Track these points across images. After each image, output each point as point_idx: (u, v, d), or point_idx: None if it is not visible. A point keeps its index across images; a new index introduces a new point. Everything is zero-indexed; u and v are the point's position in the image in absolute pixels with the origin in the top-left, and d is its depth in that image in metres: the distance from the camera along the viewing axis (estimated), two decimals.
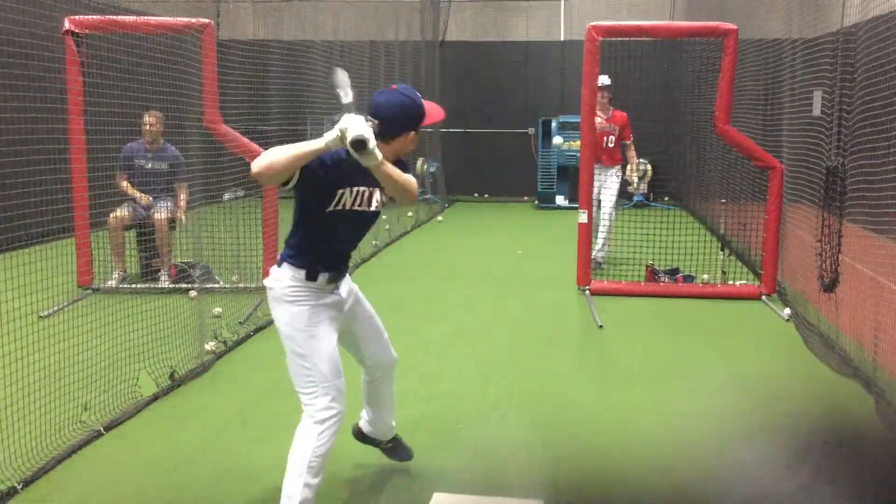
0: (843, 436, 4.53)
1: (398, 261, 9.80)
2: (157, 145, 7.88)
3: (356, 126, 2.92)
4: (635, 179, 8.98)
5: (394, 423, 3.90)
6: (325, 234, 3.25)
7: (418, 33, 13.80)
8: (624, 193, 9.26)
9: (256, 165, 2.94)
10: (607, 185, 8.93)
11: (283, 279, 3.26)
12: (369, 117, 3.08)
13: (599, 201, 8.98)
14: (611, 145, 8.94)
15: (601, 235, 8.79)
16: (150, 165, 7.86)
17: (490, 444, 4.35)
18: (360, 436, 3.95)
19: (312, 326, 3.25)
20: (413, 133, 3.24)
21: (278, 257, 3.36)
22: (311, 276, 3.25)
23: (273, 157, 2.92)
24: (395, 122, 3.17)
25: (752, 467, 4.09)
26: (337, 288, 3.37)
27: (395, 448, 3.97)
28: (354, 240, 3.44)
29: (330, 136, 2.96)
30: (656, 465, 4.10)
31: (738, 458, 4.20)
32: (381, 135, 3.11)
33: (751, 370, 5.63)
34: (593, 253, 8.47)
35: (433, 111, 3.31)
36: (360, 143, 2.91)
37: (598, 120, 8.80)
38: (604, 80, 8.72)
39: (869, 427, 4.58)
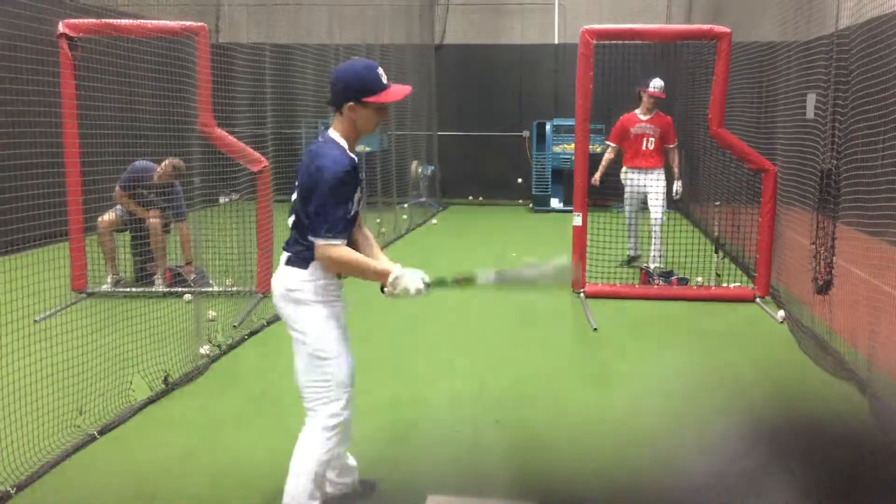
0: (836, 437, 4.53)
1: None
2: (163, 180, 7.75)
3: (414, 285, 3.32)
4: (678, 187, 8.77)
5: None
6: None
7: (416, 37, 13.81)
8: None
9: (328, 267, 3.13)
10: (654, 190, 8.65)
11: (311, 278, 3.18)
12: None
13: (639, 204, 8.85)
14: (650, 147, 8.70)
15: (654, 245, 8.55)
16: (151, 196, 7.77)
17: (485, 446, 4.35)
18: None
19: (341, 328, 3.26)
20: (368, 110, 3.12)
21: (289, 258, 3.23)
22: (338, 275, 3.26)
23: (339, 270, 3.19)
24: (348, 86, 3.09)
25: (747, 469, 4.09)
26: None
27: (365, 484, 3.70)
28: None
29: (398, 287, 3.29)
30: (651, 466, 4.11)
31: (733, 459, 4.20)
32: (332, 102, 3.14)
33: (745, 372, 5.63)
34: (650, 264, 8.48)
35: (397, 88, 3.19)
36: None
37: (638, 122, 8.74)
38: (655, 85, 8.64)
39: (863, 428, 4.59)
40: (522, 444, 4.37)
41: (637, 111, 8.81)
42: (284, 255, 3.26)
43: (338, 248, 3.07)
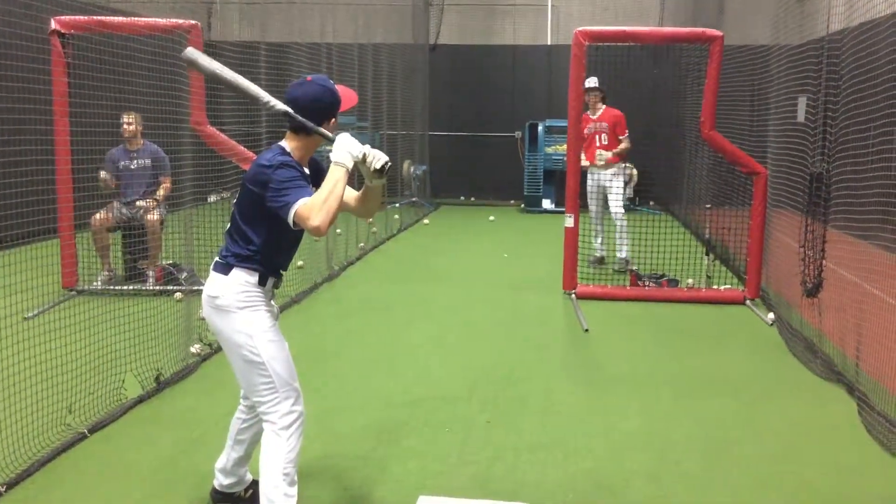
0: (825, 439, 4.56)
1: (384, 263, 9.80)
2: (136, 144, 7.86)
3: (377, 152, 3.13)
4: (601, 161, 8.86)
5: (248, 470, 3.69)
6: (285, 240, 3.24)
7: (410, 37, 13.81)
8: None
9: (320, 227, 2.94)
10: (611, 185, 8.95)
11: (234, 285, 3.21)
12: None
13: (601, 201, 9.06)
14: (605, 143, 8.98)
15: (619, 239, 8.92)
16: (133, 165, 7.84)
17: (476, 447, 4.36)
18: (219, 496, 3.65)
19: (269, 331, 3.24)
20: (333, 121, 3.25)
21: (214, 263, 3.29)
22: (262, 281, 3.24)
23: (328, 213, 2.96)
24: (314, 112, 3.19)
25: (737, 466, 4.12)
26: (273, 297, 3.39)
27: (256, 493, 3.50)
28: (296, 248, 3.43)
29: (347, 160, 3.06)
30: (641, 468, 4.13)
31: (722, 462, 4.23)
32: (304, 127, 3.19)
33: (734, 374, 5.66)
34: (617, 254, 8.84)
35: (348, 96, 3.34)
36: (389, 168, 3.15)
37: (589, 122, 8.96)
38: (589, 82, 8.70)
39: (852, 431, 4.63)
40: (513, 445, 4.38)
41: (588, 112, 8.99)
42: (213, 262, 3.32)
43: (304, 206, 2.97)
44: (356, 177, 3.31)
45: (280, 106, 3.24)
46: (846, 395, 5.12)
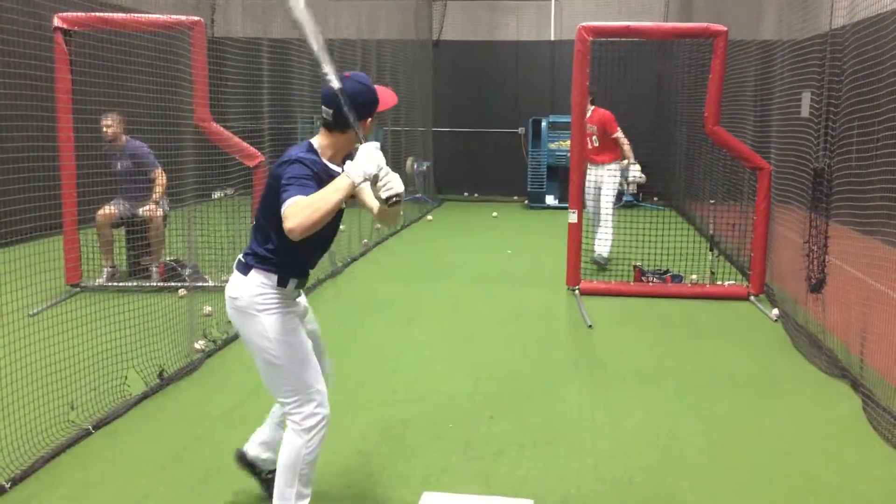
0: (830, 435, 4.55)
1: (388, 260, 9.80)
2: (119, 144, 7.80)
3: (392, 179, 2.92)
4: (632, 173, 8.86)
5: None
6: (307, 242, 3.10)
7: (413, 32, 13.79)
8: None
9: (293, 230, 2.81)
10: (603, 183, 9.00)
11: (251, 287, 3.17)
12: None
13: (596, 198, 9.07)
14: (596, 144, 9.00)
15: (600, 234, 8.93)
16: (120, 166, 7.80)
17: (480, 443, 4.36)
18: (243, 460, 3.66)
19: (287, 334, 3.19)
20: (370, 120, 3.18)
21: (237, 262, 3.26)
22: (281, 283, 3.19)
23: (307, 218, 2.80)
24: (351, 111, 3.06)
25: (740, 465, 4.12)
26: (299, 296, 3.36)
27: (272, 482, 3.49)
28: (327, 247, 3.39)
29: (357, 176, 2.88)
30: (644, 464, 4.12)
31: (725, 458, 4.23)
32: (337, 125, 3.11)
33: (739, 370, 5.66)
34: (594, 249, 8.81)
35: (386, 97, 3.26)
36: (397, 201, 2.96)
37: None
38: None
39: (857, 427, 4.62)
40: (517, 441, 4.38)
41: None
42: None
43: (290, 204, 2.86)
44: None
45: (335, 83, 3.06)
46: (851, 391, 5.12)
